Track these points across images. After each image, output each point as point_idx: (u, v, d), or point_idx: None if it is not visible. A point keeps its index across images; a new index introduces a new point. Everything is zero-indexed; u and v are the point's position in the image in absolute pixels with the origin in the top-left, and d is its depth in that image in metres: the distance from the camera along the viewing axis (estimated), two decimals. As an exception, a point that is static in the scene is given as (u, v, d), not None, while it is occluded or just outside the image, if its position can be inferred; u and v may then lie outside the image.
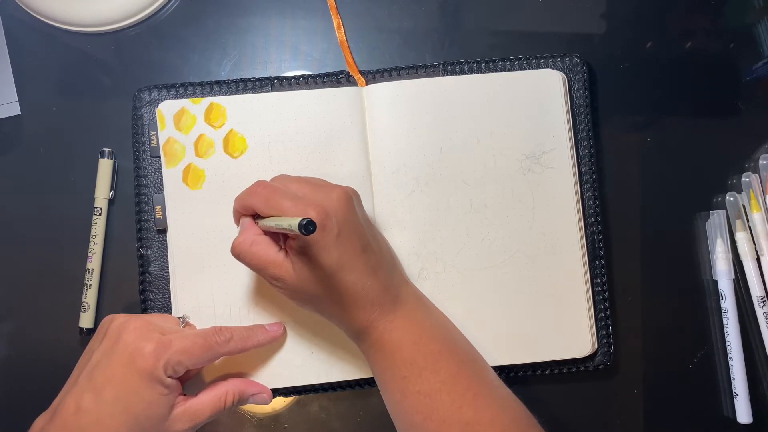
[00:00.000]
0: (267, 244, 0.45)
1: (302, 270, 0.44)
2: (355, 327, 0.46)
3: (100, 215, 0.53)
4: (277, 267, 0.44)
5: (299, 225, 0.38)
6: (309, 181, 0.47)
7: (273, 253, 0.45)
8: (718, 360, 0.55)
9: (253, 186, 0.46)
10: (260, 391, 0.50)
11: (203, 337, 0.46)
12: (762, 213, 0.54)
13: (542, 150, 0.53)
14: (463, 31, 0.57)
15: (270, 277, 0.45)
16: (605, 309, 0.53)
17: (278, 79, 0.54)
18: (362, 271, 0.45)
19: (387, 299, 0.46)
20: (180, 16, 0.56)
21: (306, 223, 0.38)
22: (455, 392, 0.44)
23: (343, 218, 0.44)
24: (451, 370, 0.45)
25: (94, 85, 0.56)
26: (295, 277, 0.44)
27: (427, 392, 0.44)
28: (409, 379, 0.45)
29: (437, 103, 0.53)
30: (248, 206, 0.46)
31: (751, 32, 0.57)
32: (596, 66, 0.56)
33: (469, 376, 0.46)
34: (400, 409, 0.46)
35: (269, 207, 0.44)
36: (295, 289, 0.45)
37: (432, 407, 0.44)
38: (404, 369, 0.45)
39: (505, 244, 0.52)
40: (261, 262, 0.45)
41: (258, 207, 0.45)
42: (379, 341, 0.46)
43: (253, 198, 0.45)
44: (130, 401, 0.43)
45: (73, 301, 0.53)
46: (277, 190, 0.45)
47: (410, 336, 0.46)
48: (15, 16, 0.56)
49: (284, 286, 0.45)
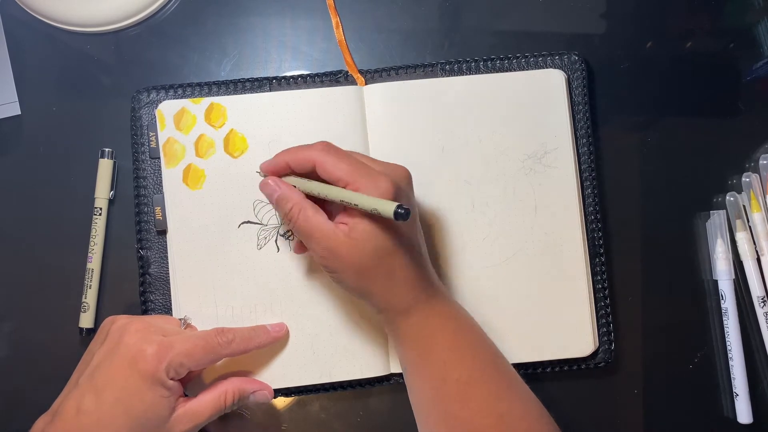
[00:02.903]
0: (317, 210, 0.43)
1: (359, 241, 0.42)
2: (399, 306, 0.44)
3: (100, 215, 0.53)
4: (331, 238, 0.42)
5: (395, 212, 0.36)
6: (366, 158, 0.45)
7: (324, 221, 0.43)
8: (718, 360, 0.55)
9: (316, 144, 0.44)
10: (260, 388, 0.49)
11: (205, 339, 0.46)
12: (762, 213, 0.54)
13: (544, 150, 0.53)
14: (463, 31, 0.57)
15: (322, 249, 0.43)
16: (606, 308, 0.53)
17: (277, 79, 0.54)
18: (414, 251, 0.44)
19: (430, 285, 0.45)
20: (180, 16, 0.56)
21: (404, 212, 0.36)
22: (492, 382, 0.44)
23: (407, 196, 0.43)
24: (488, 360, 0.45)
25: (94, 85, 0.55)
26: (349, 249, 0.42)
27: (467, 380, 0.44)
28: (449, 364, 0.44)
29: (438, 103, 0.53)
30: (309, 161, 0.43)
31: (751, 32, 0.57)
32: (596, 66, 0.56)
33: (502, 370, 0.46)
34: (435, 396, 0.45)
35: (342, 172, 0.42)
36: (346, 264, 0.42)
37: (470, 395, 0.44)
38: (444, 354, 0.44)
39: (506, 243, 0.52)
40: (319, 229, 0.42)
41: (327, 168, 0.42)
42: (421, 324, 0.45)
43: (322, 155, 0.43)
44: (131, 403, 0.43)
45: (73, 301, 0.53)
46: (348, 157, 0.43)
47: (450, 323, 0.46)
48: (15, 16, 0.56)
49: (335, 258, 0.42)
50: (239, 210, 0.52)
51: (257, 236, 0.52)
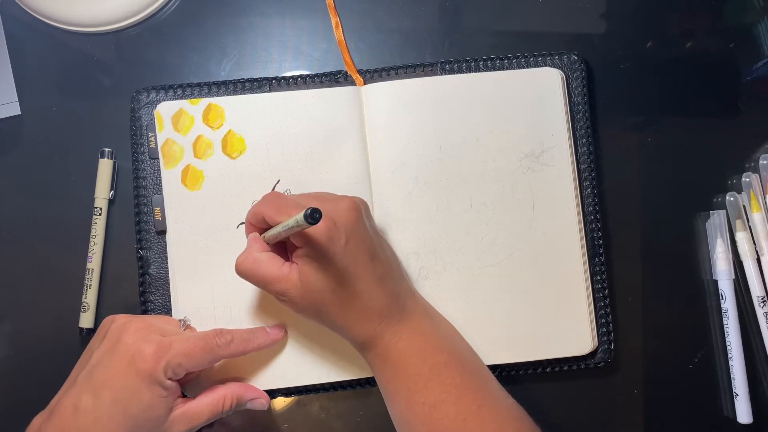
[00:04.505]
0: (270, 259, 0.45)
1: (308, 281, 0.44)
2: (361, 338, 0.46)
3: (100, 215, 0.53)
4: (281, 282, 0.44)
5: (305, 215, 0.37)
6: (317, 194, 0.47)
7: (276, 268, 0.45)
8: (718, 360, 0.55)
9: (264, 196, 0.46)
10: (258, 396, 0.50)
11: (204, 340, 0.46)
12: (762, 213, 0.54)
13: (542, 148, 0.53)
14: (463, 31, 0.57)
15: (275, 293, 0.45)
16: (605, 307, 0.53)
17: (276, 79, 0.54)
18: (369, 280, 0.45)
19: (393, 310, 0.46)
20: (180, 16, 0.56)
21: (311, 211, 0.37)
22: (460, 403, 0.44)
23: (351, 228, 0.44)
24: (456, 381, 0.45)
25: (94, 85, 0.56)
26: (301, 289, 0.44)
27: (433, 403, 0.44)
28: (414, 390, 0.45)
29: (436, 102, 0.53)
30: (258, 214, 0.46)
31: (751, 32, 0.57)
32: (596, 66, 0.56)
33: (475, 388, 0.46)
34: (405, 419, 0.46)
35: (279, 213, 0.44)
36: (301, 302, 0.45)
37: (436, 418, 0.44)
38: (409, 380, 0.45)
39: (505, 242, 0.52)
40: (264, 278, 0.45)
41: (268, 214, 0.45)
42: (385, 352, 0.46)
43: (264, 206, 0.45)
44: (129, 403, 0.43)
45: (73, 301, 0.53)
46: (287, 198, 0.45)
47: (416, 347, 0.46)
48: (15, 16, 0.56)
49: (290, 300, 0.45)
50: (238, 211, 0.52)
51: (256, 236, 0.52)
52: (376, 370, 0.47)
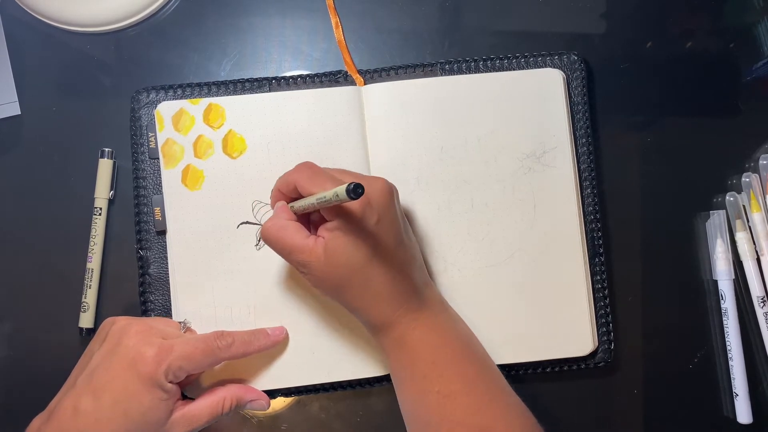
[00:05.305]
0: (296, 229, 0.45)
1: (334, 255, 0.43)
2: (378, 321, 0.45)
3: (100, 215, 0.53)
4: (305, 252, 0.44)
5: (347, 190, 0.37)
6: (350, 171, 0.47)
7: (301, 238, 0.44)
8: (718, 360, 0.55)
9: (298, 165, 0.46)
10: (258, 398, 0.49)
11: (204, 342, 0.46)
12: (762, 213, 0.54)
13: (543, 149, 0.53)
14: (463, 31, 0.57)
15: (297, 262, 0.44)
16: (605, 307, 0.53)
17: (276, 79, 0.54)
18: (394, 264, 0.44)
19: (413, 297, 0.46)
20: (180, 16, 0.56)
21: (354, 186, 0.37)
22: (474, 395, 0.44)
23: (384, 208, 0.43)
24: (471, 373, 0.45)
25: (94, 85, 0.55)
26: (324, 263, 0.43)
27: (447, 393, 0.44)
28: (429, 378, 0.45)
29: (437, 102, 0.53)
30: (291, 183, 0.45)
31: (751, 32, 0.57)
32: (596, 66, 0.56)
33: (488, 381, 0.46)
34: (417, 408, 0.45)
35: (312, 184, 0.43)
36: (322, 276, 0.44)
37: (450, 408, 0.44)
38: (425, 368, 0.45)
39: (506, 242, 0.52)
40: (289, 246, 0.44)
41: (302, 184, 0.44)
42: (401, 338, 0.45)
43: (299, 174, 0.45)
44: (129, 405, 0.43)
45: (73, 301, 0.53)
46: (322, 170, 0.45)
47: (433, 336, 0.46)
48: (15, 16, 0.56)
49: (310, 272, 0.44)
50: (238, 211, 0.52)
51: (256, 237, 0.52)
52: (389, 355, 0.46)
